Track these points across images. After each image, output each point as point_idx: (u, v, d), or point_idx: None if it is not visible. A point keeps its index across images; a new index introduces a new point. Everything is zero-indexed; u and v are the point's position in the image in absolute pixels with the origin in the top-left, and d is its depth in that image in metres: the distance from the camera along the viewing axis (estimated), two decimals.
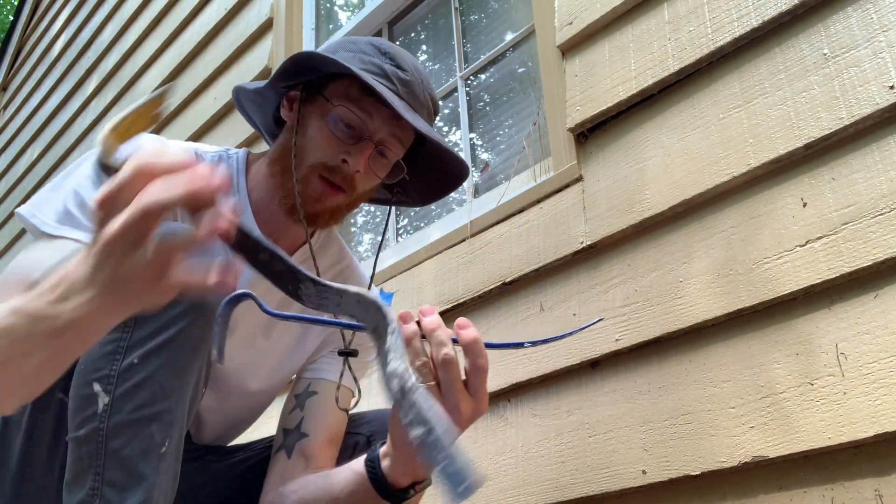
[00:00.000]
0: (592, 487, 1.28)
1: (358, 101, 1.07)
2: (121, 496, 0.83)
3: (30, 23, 5.06)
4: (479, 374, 0.82)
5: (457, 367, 0.80)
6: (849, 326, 1.07)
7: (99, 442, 0.85)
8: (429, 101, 1.13)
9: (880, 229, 1.07)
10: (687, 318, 1.24)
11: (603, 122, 1.49)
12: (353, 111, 1.06)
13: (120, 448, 0.84)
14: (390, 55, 1.10)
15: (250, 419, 1.31)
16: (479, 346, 0.82)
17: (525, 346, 0.88)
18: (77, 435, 0.86)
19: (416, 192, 1.24)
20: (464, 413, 0.81)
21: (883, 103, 1.10)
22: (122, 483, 0.84)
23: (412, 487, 0.95)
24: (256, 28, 2.63)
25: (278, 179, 1.10)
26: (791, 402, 1.09)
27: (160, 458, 0.86)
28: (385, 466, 0.95)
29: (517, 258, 1.54)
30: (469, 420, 0.82)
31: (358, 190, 1.10)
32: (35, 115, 4.44)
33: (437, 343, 0.80)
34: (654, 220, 1.34)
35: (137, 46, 3.44)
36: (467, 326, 0.82)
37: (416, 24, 2.42)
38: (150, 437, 0.86)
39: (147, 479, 0.85)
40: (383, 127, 1.08)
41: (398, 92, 1.08)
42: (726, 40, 1.31)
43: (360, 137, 1.07)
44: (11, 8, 12.38)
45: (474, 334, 0.81)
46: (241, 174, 1.15)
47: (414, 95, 1.09)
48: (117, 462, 0.84)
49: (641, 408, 1.26)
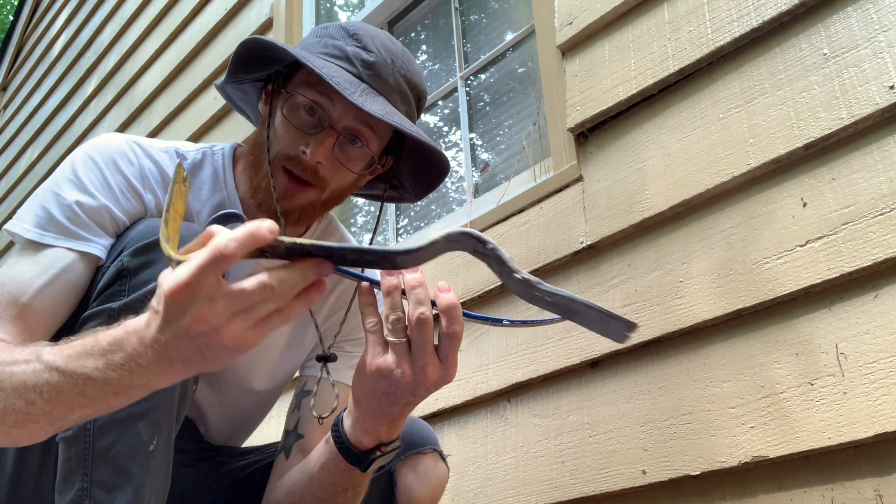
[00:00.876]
0: (592, 487, 1.28)
1: (317, 87, 1.01)
2: (110, 496, 0.83)
3: (30, 23, 5.06)
4: (452, 341, 0.79)
5: (430, 329, 0.78)
6: (849, 326, 1.07)
7: (86, 442, 0.84)
8: (401, 82, 1.05)
9: (880, 229, 1.07)
10: (687, 318, 1.24)
11: (603, 122, 1.49)
12: (311, 98, 1.01)
13: (107, 448, 0.84)
14: (357, 36, 1.04)
15: (256, 418, 1.30)
16: (455, 311, 0.79)
17: (503, 325, 0.84)
18: (66, 436, 0.85)
19: (410, 186, 1.20)
20: (429, 376, 0.79)
21: (883, 103, 1.10)
22: (110, 483, 0.83)
23: (378, 448, 0.91)
24: (256, 28, 2.63)
25: (249, 174, 1.07)
26: (791, 402, 1.09)
27: (148, 456, 0.85)
28: (347, 426, 0.91)
29: (517, 258, 1.54)
30: (434, 386, 0.80)
31: (330, 184, 1.04)
32: (35, 115, 4.44)
33: (415, 301, 0.78)
34: (654, 220, 1.34)
35: (137, 46, 3.44)
36: (447, 290, 0.79)
37: (416, 24, 2.42)
38: (137, 436, 0.85)
39: (136, 477, 0.84)
40: (347, 113, 1.01)
41: (359, 75, 1.01)
42: (726, 40, 1.31)
43: (321, 126, 1.01)
44: (11, 8, 12.38)
45: (452, 299, 0.78)
46: (227, 169, 1.12)
47: (380, 78, 1.02)
48: (105, 462, 0.83)
49: (641, 408, 1.26)
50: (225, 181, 1.11)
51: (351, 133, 1.03)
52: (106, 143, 1.03)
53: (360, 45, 1.03)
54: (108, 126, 3.48)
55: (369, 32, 1.06)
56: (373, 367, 0.80)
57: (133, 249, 0.90)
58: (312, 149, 1.00)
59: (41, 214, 0.95)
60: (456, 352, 0.80)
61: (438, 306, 0.78)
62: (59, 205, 0.95)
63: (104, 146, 1.02)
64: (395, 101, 1.04)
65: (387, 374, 0.79)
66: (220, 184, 1.11)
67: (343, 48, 1.02)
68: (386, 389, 0.80)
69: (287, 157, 1.02)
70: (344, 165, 1.03)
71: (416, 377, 0.78)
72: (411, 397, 0.81)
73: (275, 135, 1.04)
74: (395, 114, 1.00)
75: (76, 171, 0.98)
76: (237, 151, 1.15)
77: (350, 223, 2.45)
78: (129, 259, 0.90)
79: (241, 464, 1.25)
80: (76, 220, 0.95)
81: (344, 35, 1.04)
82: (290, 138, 1.02)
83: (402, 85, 1.05)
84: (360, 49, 1.03)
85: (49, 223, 0.94)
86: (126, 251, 0.91)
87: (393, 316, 0.79)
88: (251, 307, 0.62)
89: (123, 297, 0.87)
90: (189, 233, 0.86)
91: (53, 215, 0.94)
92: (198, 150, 1.13)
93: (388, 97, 1.03)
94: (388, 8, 2.40)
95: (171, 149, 1.10)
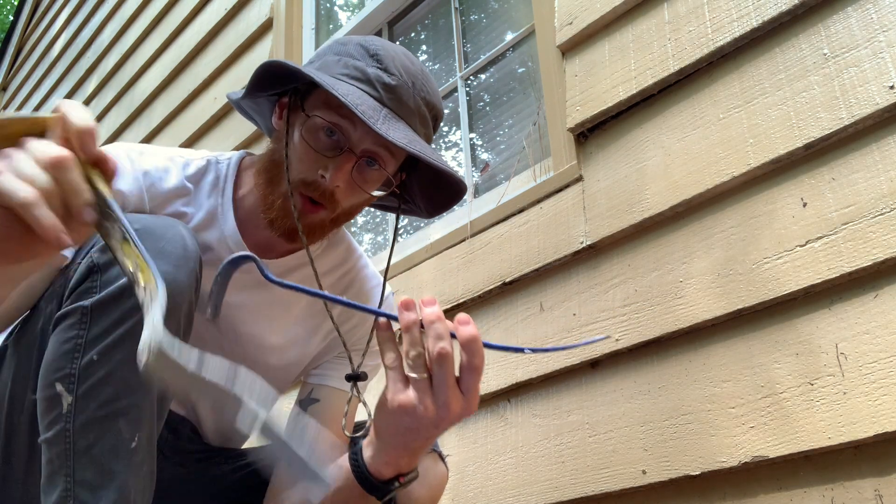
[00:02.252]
0: (592, 487, 1.28)
1: (338, 110, 1.00)
2: (94, 496, 0.82)
3: (30, 23, 5.07)
4: (473, 374, 0.78)
5: (451, 363, 0.78)
6: (849, 326, 1.07)
7: (67, 442, 0.83)
8: (421, 105, 1.04)
9: (880, 229, 1.07)
10: (687, 318, 1.24)
11: (603, 122, 1.49)
12: (331, 121, 1.00)
13: (89, 447, 0.83)
14: (378, 57, 1.03)
15: None
16: (476, 344, 0.78)
17: (525, 353, 0.85)
18: (47, 437, 0.84)
19: (423, 203, 1.19)
20: (453, 411, 0.78)
21: (883, 103, 1.10)
22: (94, 482, 0.82)
23: (396, 479, 0.91)
24: (256, 28, 2.63)
25: (262, 191, 1.06)
26: (791, 403, 1.09)
27: (131, 453, 0.84)
28: (367, 457, 0.91)
29: (517, 258, 1.54)
30: (457, 418, 0.79)
31: (342, 205, 1.04)
32: None
33: (435, 336, 0.77)
34: (654, 220, 1.34)
35: (137, 46, 3.44)
36: (468, 323, 0.79)
37: (416, 24, 2.42)
38: (118, 434, 0.84)
39: (119, 476, 0.83)
40: (367, 137, 1.00)
41: (381, 98, 1.00)
42: (726, 40, 1.31)
43: (340, 149, 1.00)
44: (11, 8, 12.38)
45: (473, 332, 0.78)
46: (229, 179, 1.11)
47: (400, 102, 1.01)
48: (87, 461, 0.83)
49: (641, 408, 1.26)
50: (223, 188, 1.11)
51: (370, 156, 1.02)
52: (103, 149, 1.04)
53: (381, 67, 1.02)
54: (108, 126, 3.48)
55: (390, 53, 1.04)
56: (395, 403, 0.79)
57: (102, 245, 0.90)
58: (332, 174, 0.99)
59: None
60: (478, 384, 0.79)
61: (459, 339, 0.78)
62: None
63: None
64: (414, 124, 1.03)
65: (410, 411, 0.79)
66: (217, 190, 1.11)
67: (364, 70, 1.01)
68: (410, 425, 0.80)
69: (304, 183, 1.01)
70: (360, 187, 1.03)
71: (440, 412, 0.78)
72: (434, 430, 0.81)
73: (293, 155, 1.03)
74: (417, 141, 0.99)
75: None
76: (244, 161, 1.15)
77: (350, 223, 2.45)
78: (99, 255, 0.89)
79: (240, 464, 1.24)
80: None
81: (364, 55, 1.03)
82: (309, 162, 1.01)
83: (423, 108, 1.04)
84: (382, 71, 1.01)
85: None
86: (95, 247, 0.90)
87: (413, 352, 0.78)
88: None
89: (95, 293, 0.86)
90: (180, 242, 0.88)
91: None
92: (202, 158, 1.13)
93: (409, 121, 1.02)
94: (388, 8, 2.40)
95: (177, 156, 1.11)
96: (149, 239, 0.88)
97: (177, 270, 0.88)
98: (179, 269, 0.89)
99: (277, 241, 1.11)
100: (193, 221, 1.08)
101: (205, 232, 1.08)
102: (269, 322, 1.17)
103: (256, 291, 1.14)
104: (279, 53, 2.49)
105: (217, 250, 1.09)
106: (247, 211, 1.11)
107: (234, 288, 1.10)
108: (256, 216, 1.09)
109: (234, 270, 0.78)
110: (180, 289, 0.89)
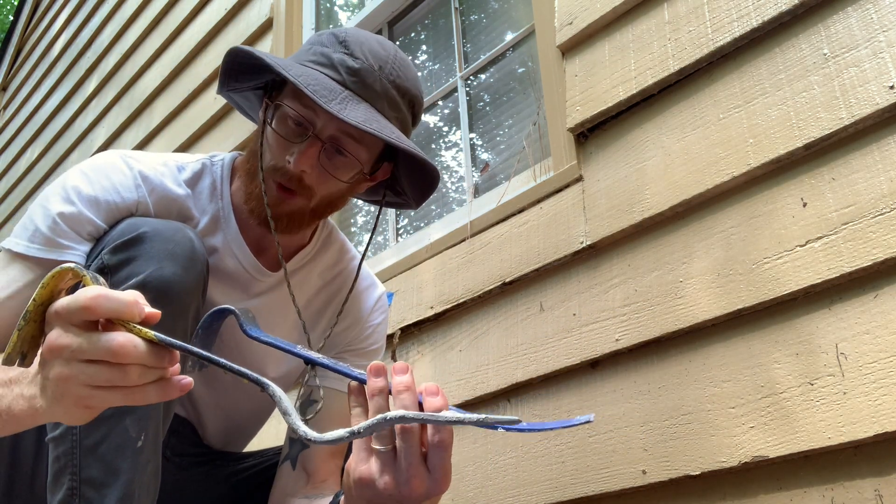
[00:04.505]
0: (592, 487, 1.28)
1: (302, 99, 1.01)
2: (100, 493, 0.83)
3: (30, 23, 5.07)
4: (441, 451, 0.71)
5: (416, 439, 0.71)
6: (849, 326, 1.07)
7: (73, 440, 0.84)
8: (390, 89, 1.04)
9: (880, 229, 1.07)
10: (687, 318, 1.24)
11: (603, 122, 1.49)
12: (293, 108, 1.01)
13: (95, 445, 0.84)
14: (346, 43, 1.03)
15: (254, 422, 1.30)
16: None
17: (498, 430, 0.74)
18: (54, 435, 0.85)
19: (409, 193, 1.19)
20: (415, 490, 0.70)
21: (883, 103, 1.10)
22: (99, 480, 0.83)
23: None
24: (256, 28, 2.63)
25: (243, 182, 1.09)
26: (791, 402, 1.09)
27: (137, 452, 0.85)
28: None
29: (517, 258, 1.54)
30: (425, 497, 0.71)
31: (317, 192, 1.04)
32: (35, 115, 4.44)
33: (401, 408, 0.71)
34: (654, 220, 1.34)
35: (137, 46, 3.44)
36: (435, 394, 0.72)
37: (416, 24, 2.42)
38: (124, 432, 0.85)
39: (125, 474, 0.84)
40: (330, 123, 1.01)
41: (343, 81, 1.00)
42: (726, 40, 1.31)
43: (305, 136, 1.02)
44: (11, 8, 12.38)
45: (440, 404, 0.71)
46: (225, 182, 1.13)
47: (365, 85, 1.01)
48: (93, 459, 0.83)
49: (641, 408, 1.26)
50: (221, 192, 1.12)
51: (335, 143, 1.02)
52: (98, 158, 1.06)
53: (346, 52, 1.03)
54: (108, 126, 3.48)
55: (359, 39, 1.05)
56: (356, 474, 0.73)
57: (112, 247, 0.91)
58: (296, 158, 1.01)
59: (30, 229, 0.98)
60: (447, 461, 0.72)
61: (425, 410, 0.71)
62: (44, 217, 0.98)
63: (95, 160, 1.05)
64: (381, 107, 1.03)
65: (369, 484, 0.72)
66: (216, 194, 1.12)
67: (329, 55, 1.02)
68: (371, 498, 0.73)
69: (274, 169, 1.03)
70: (331, 174, 1.04)
71: (402, 489, 0.71)
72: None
73: (267, 144, 1.05)
74: (375, 121, 0.99)
75: (64, 184, 1.01)
76: (235, 162, 1.16)
77: (350, 223, 2.45)
78: (110, 256, 0.90)
79: (240, 467, 1.24)
80: (56, 230, 0.97)
81: (333, 42, 1.04)
82: (279, 148, 1.03)
83: (391, 91, 1.04)
84: (347, 55, 1.02)
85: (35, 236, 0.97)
86: (106, 248, 0.92)
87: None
88: (90, 363, 0.63)
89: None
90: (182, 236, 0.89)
91: (40, 230, 0.97)
92: (197, 161, 1.14)
93: (374, 104, 1.02)
94: (388, 8, 2.40)
95: (171, 161, 1.11)
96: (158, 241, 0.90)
97: (185, 272, 0.90)
98: (188, 271, 0.91)
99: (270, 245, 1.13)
100: (199, 226, 1.09)
101: (210, 237, 1.10)
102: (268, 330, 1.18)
103: (255, 300, 1.15)
104: (279, 53, 2.50)
105: (221, 253, 1.10)
106: (240, 210, 1.12)
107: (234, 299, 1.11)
108: (245, 216, 1.11)
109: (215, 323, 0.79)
110: (188, 290, 0.91)
